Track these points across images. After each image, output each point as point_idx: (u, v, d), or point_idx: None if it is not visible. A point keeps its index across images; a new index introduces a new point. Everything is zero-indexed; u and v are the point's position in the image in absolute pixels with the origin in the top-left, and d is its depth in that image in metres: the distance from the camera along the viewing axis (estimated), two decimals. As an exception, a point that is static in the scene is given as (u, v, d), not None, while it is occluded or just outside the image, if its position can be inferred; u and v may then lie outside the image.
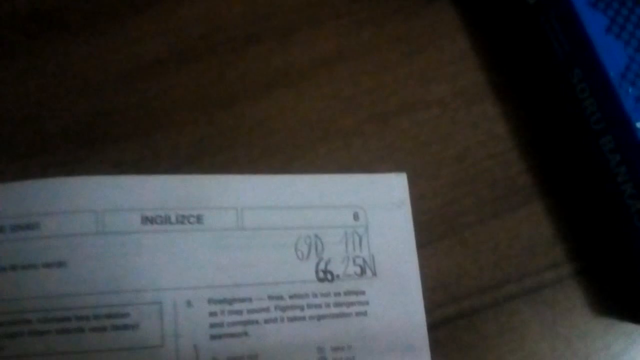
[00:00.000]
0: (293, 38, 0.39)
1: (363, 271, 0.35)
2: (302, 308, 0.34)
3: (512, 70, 0.41)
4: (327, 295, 0.34)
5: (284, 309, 0.33)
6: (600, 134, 0.37)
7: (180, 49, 0.38)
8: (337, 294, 0.34)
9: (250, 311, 0.33)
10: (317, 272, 0.34)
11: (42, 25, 0.38)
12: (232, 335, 0.33)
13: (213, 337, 0.32)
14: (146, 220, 0.33)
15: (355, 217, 0.36)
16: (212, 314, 0.33)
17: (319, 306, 0.34)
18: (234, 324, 0.33)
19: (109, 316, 0.31)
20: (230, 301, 0.33)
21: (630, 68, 0.35)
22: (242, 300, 0.33)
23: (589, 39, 0.36)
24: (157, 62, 0.38)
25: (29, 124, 0.36)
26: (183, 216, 0.33)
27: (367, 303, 0.35)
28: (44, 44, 0.37)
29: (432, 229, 0.37)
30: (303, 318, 0.34)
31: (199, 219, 0.34)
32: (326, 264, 0.35)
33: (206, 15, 0.39)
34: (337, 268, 0.35)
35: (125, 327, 0.31)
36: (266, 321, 0.33)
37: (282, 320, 0.33)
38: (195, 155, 0.36)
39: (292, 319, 0.33)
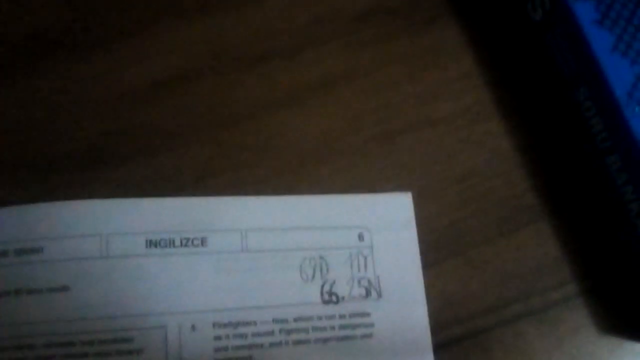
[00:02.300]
0: (299, 58, 0.39)
1: (368, 292, 0.35)
2: (307, 331, 0.34)
3: (517, 88, 0.41)
4: (332, 317, 0.34)
5: (288, 332, 0.33)
6: (606, 152, 0.37)
7: (186, 69, 0.38)
8: (343, 316, 0.34)
9: (255, 335, 0.33)
10: (322, 294, 0.34)
11: (45, 46, 0.38)
12: (237, 359, 0.32)
13: (218, 361, 0.32)
14: (150, 243, 0.33)
15: (360, 237, 0.36)
16: (217, 337, 0.33)
17: (324, 329, 0.34)
18: (238, 347, 0.33)
19: (114, 341, 0.31)
20: (235, 325, 0.33)
21: (636, 87, 0.35)
22: (247, 323, 0.33)
23: (595, 57, 0.36)
24: (163, 82, 0.38)
25: (33, 146, 0.36)
26: (187, 239, 0.34)
27: (372, 325, 0.35)
28: (47, 65, 0.38)
29: (437, 249, 0.37)
30: (308, 341, 0.34)
31: (203, 241, 0.34)
32: (331, 286, 0.35)
33: (212, 35, 0.39)
34: (342, 290, 0.35)
35: (130, 352, 0.31)
36: (271, 345, 0.33)
37: (287, 343, 0.33)
38: (201, 175, 0.36)
39: (297, 342, 0.33)
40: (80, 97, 0.37)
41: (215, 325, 0.33)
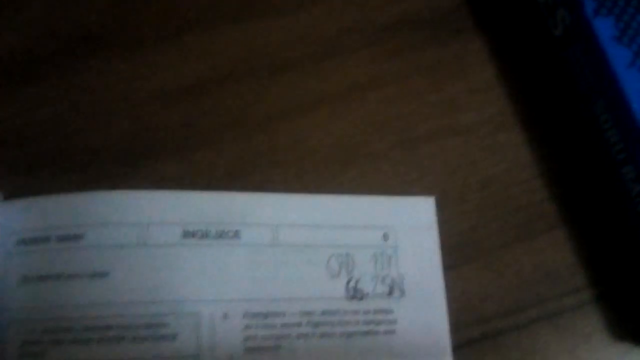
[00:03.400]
0: (328, 64, 0.41)
1: (391, 290, 0.36)
2: (332, 324, 0.35)
3: (537, 100, 0.42)
4: (356, 312, 0.35)
5: (315, 324, 0.34)
6: (622, 163, 0.37)
7: (221, 72, 0.40)
8: (367, 312, 0.35)
9: (283, 325, 0.34)
10: (347, 290, 0.35)
11: (90, 45, 0.39)
12: (265, 349, 0.34)
13: (247, 350, 0.33)
14: (187, 234, 0.34)
15: (385, 237, 0.37)
16: (247, 326, 0.34)
17: (348, 323, 0.35)
18: (267, 337, 0.34)
19: (149, 326, 0.32)
20: (265, 315, 0.34)
21: (652, 101, 0.36)
22: (276, 314, 0.34)
23: (613, 72, 0.37)
24: (199, 83, 0.39)
25: (75, 139, 0.37)
26: (222, 231, 0.35)
27: (395, 322, 0.36)
28: (92, 63, 0.39)
29: (457, 252, 0.38)
30: (333, 334, 0.35)
31: (236, 234, 0.35)
32: (356, 283, 0.36)
33: (246, 40, 0.41)
34: (366, 287, 0.36)
35: (164, 337, 0.32)
36: (298, 336, 0.34)
37: (313, 335, 0.34)
38: (233, 173, 0.38)
39: (323, 335, 0.34)
40: (123, 95, 0.38)
41: (246, 314, 0.34)
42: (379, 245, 0.37)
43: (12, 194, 0.34)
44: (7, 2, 0.40)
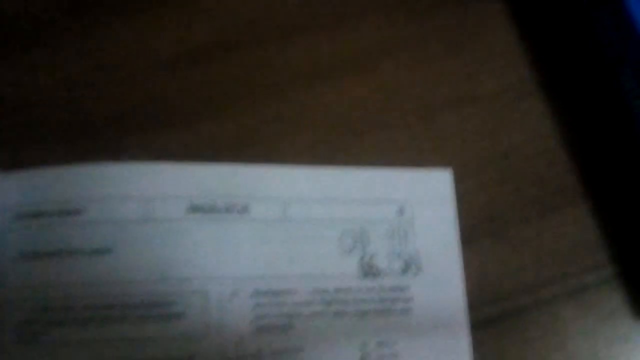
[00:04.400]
0: (340, 29, 0.39)
1: (408, 267, 0.35)
2: (346, 303, 0.33)
3: (561, 67, 0.40)
4: (371, 290, 0.34)
5: (328, 302, 0.33)
6: (648, 136, 0.36)
7: (227, 36, 0.38)
8: (381, 290, 0.34)
9: (295, 304, 0.33)
10: (361, 266, 0.34)
11: (90, 9, 0.38)
12: (276, 328, 0.32)
13: (258, 329, 0.32)
14: (193, 208, 0.33)
15: (400, 211, 0.35)
16: (258, 304, 0.32)
17: (363, 301, 0.34)
18: (278, 316, 0.33)
19: (154, 305, 0.31)
20: (275, 293, 0.33)
21: (682, 69, 0.35)
22: (287, 292, 0.33)
23: (641, 38, 0.35)
24: (204, 49, 0.38)
25: (74, 108, 0.36)
26: (229, 205, 0.33)
27: (411, 299, 0.34)
28: (91, 28, 0.37)
29: (476, 227, 0.36)
30: (347, 313, 0.33)
31: (244, 208, 0.33)
32: (370, 259, 0.34)
33: (254, 3, 0.39)
34: (381, 263, 0.34)
35: (170, 316, 0.31)
36: (310, 315, 0.33)
37: (325, 314, 0.33)
38: (240, 144, 0.36)
39: (336, 313, 0.33)
40: (122, 61, 0.37)
41: (255, 292, 0.32)
42: (394, 219, 0.35)
43: (9, 166, 0.33)
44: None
